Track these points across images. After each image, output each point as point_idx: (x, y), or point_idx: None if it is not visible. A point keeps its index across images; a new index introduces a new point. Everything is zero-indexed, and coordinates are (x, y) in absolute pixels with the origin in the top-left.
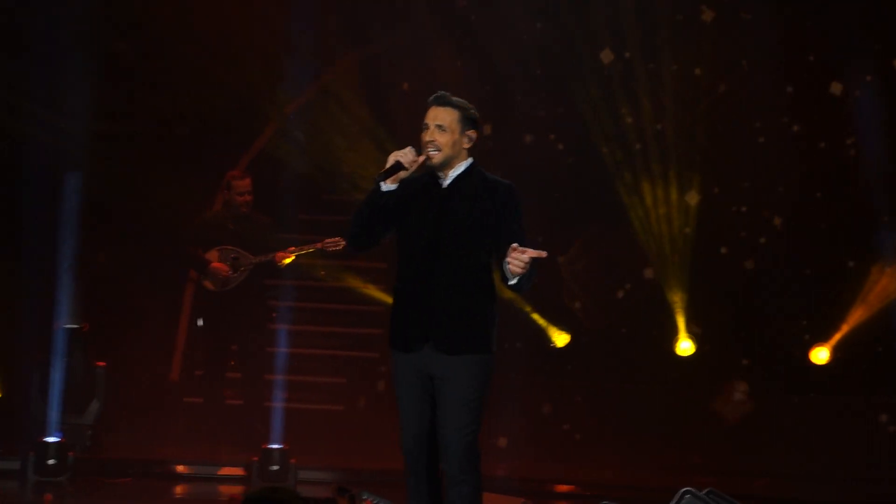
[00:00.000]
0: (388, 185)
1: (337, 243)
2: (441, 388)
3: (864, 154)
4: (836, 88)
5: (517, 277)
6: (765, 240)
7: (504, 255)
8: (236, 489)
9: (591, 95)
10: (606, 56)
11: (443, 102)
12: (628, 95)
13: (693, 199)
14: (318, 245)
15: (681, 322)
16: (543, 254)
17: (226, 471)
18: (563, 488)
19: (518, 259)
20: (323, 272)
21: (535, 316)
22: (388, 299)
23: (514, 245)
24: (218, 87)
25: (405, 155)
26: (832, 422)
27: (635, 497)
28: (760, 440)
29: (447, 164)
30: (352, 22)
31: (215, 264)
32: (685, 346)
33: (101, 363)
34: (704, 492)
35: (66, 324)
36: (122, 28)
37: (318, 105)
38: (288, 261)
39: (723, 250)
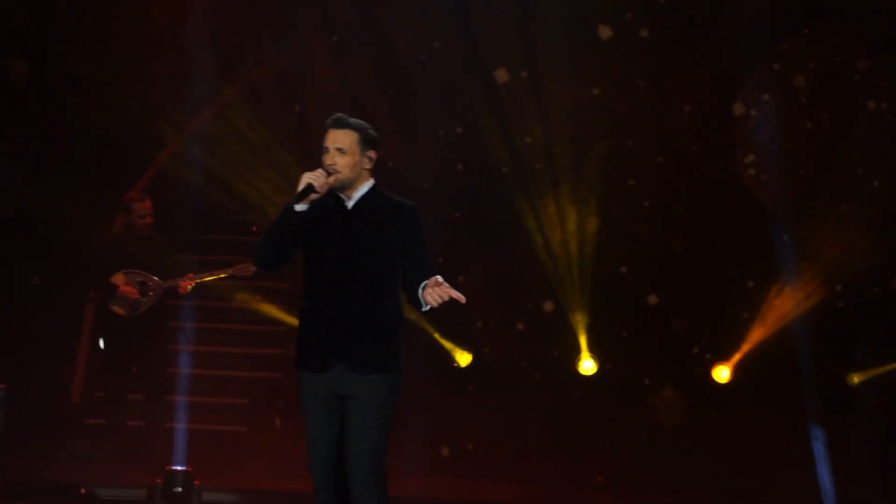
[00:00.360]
0: (301, 206)
1: (247, 269)
2: (350, 407)
3: (762, 173)
4: (738, 109)
5: (430, 306)
6: (664, 259)
7: (411, 277)
8: None
9: (488, 115)
10: (501, 76)
11: (341, 125)
12: (526, 115)
13: (592, 224)
14: (229, 271)
15: (583, 342)
16: (462, 299)
17: (129, 493)
18: None
19: (439, 295)
20: (239, 293)
21: (437, 336)
22: (290, 319)
23: (438, 279)
24: (116, 106)
25: (317, 178)
26: (732, 440)
27: None
28: (661, 458)
29: (349, 185)
30: (250, 42)
31: (124, 288)
32: (587, 366)
33: (2, 385)
34: None
35: None
36: (17, 46)
37: (216, 124)
38: (191, 287)
39: (622, 269)
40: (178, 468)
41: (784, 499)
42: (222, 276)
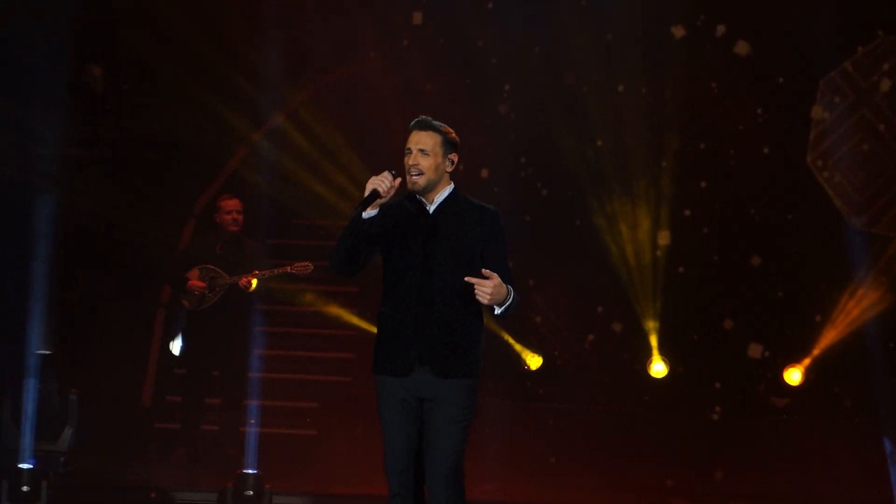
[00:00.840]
0: (368, 213)
1: (306, 267)
2: (431, 410)
3: (836, 176)
4: (816, 112)
5: (497, 307)
6: (736, 262)
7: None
8: None
9: (560, 118)
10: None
11: (425, 126)
12: (597, 119)
13: (664, 226)
14: (287, 269)
15: (654, 344)
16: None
17: (201, 497)
18: None
19: (481, 291)
20: (309, 296)
21: (509, 338)
22: (361, 323)
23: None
24: (187, 111)
25: (382, 182)
26: (803, 443)
27: None
28: (732, 462)
29: (431, 188)
30: (319, 47)
31: (193, 282)
32: (658, 369)
33: (74, 389)
34: None
35: (38, 350)
36: (91, 53)
37: (288, 129)
38: (254, 284)
39: (693, 271)
40: (250, 472)
41: (862, 502)
42: (282, 272)
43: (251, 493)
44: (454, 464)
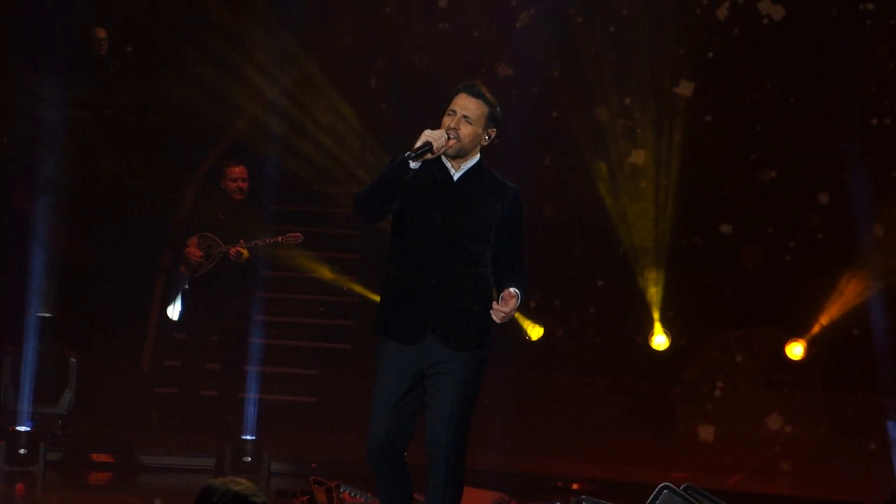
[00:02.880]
0: (415, 164)
1: (297, 238)
2: (438, 381)
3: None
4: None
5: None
6: (740, 234)
7: (503, 260)
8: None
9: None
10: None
11: (475, 93)
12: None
13: (667, 199)
14: (279, 239)
15: (656, 316)
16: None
17: (199, 462)
18: (540, 483)
19: (500, 312)
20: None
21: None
22: (362, 290)
23: (511, 292)
24: (192, 75)
25: (438, 139)
26: (805, 417)
27: (612, 492)
28: (733, 436)
29: (461, 155)
30: (329, 13)
31: (189, 249)
32: (660, 341)
33: (74, 353)
34: (682, 487)
35: (38, 312)
36: (97, 14)
37: (294, 95)
38: (245, 255)
39: (697, 242)
40: (248, 438)
41: (857, 478)
42: (271, 242)
43: (249, 459)
44: (457, 439)
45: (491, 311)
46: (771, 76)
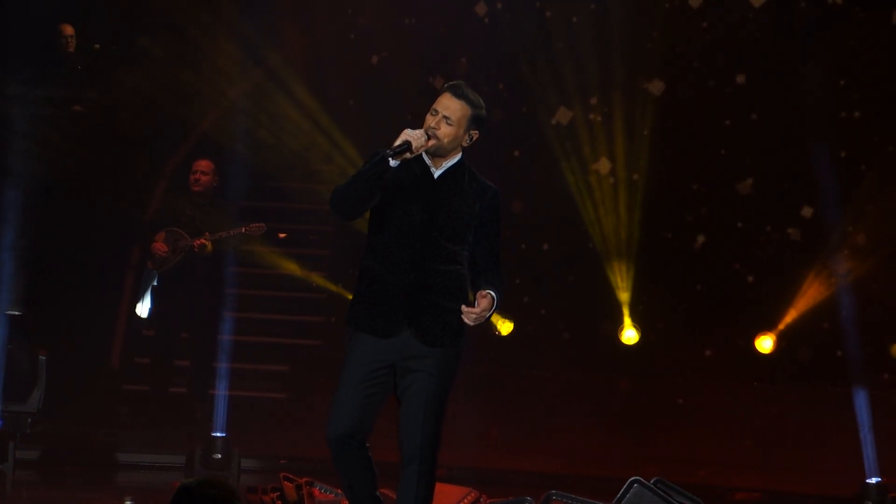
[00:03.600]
0: (393, 162)
1: (259, 228)
2: (412, 378)
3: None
4: None
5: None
6: (710, 230)
7: (479, 261)
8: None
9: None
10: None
11: (458, 94)
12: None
13: (636, 194)
14: (242, 230)
15: (626, 311)
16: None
17: (169, 459)
18: (511, 478)
19: (470, 315)
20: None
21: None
22: (332, 286)
23: (483, 294)
24: (160, 71)
25: (417, 138)
26: (775, 410)
27: (583, 487)
28: (704, 430)
29: (440, 154)
30: (299, 7)
31: (155, 244)
32: (630, 335)
33: (43, 350)
34: (652, 481)
35: (6, 311)
36: (64, 11)
37: (264, 90)
38: (209, 248)
39: (668, 236)
40: (218, 435)
41: (827, 471)
42: (237, 234)
43: (219, 456)
44: (431, 435)
45: (462, 313)
46: (741, 69)
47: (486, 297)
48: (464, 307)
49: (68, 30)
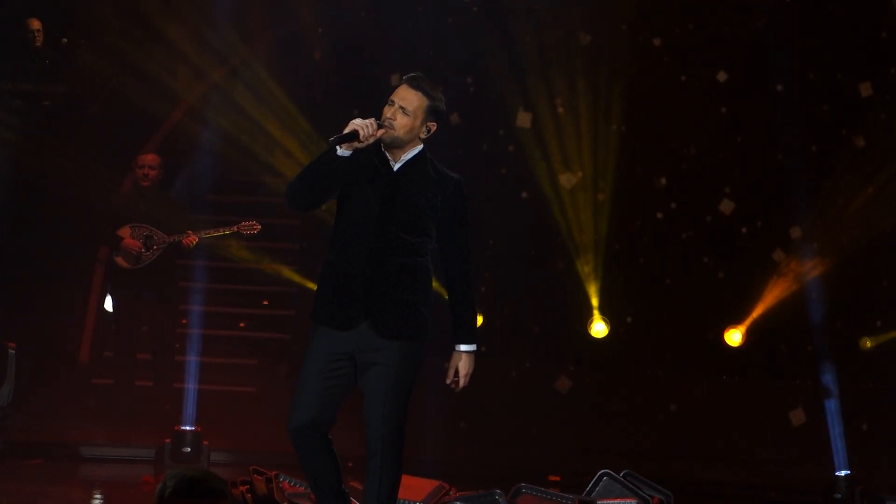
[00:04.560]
0: (342, 151)
1: (253, 227)
2: (372, 371)
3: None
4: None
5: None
6: (678, 222)
7: (450, 253)
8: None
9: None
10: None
11: (414, 85)
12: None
13: (607, 185)
14: (234, 228)
15: (595, 303)
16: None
17: (138, 453)
18: (480, 471)
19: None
20: (249, 253)
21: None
22: (301, 279)
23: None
24: (130, 64)
25: (365, 127)
26: (744, 404)
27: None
28: (675, 422)
29: (397, 146)
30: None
31: (127, 241)
32: (599, 328)
33: (12, 344)
34: (621, 474)
35: None
36: (32, 4)
37: (231, 84)
38: (195, 243)
39: (637, 226)
40: (187, 428)
41: (796, 465)
42: (227, 232)
43: (189, 449)
44: (392, 427)
45: (450, 385)
46: (715, 59)
47: (461, 359)
48: (450, 383)
49: (35, 24)
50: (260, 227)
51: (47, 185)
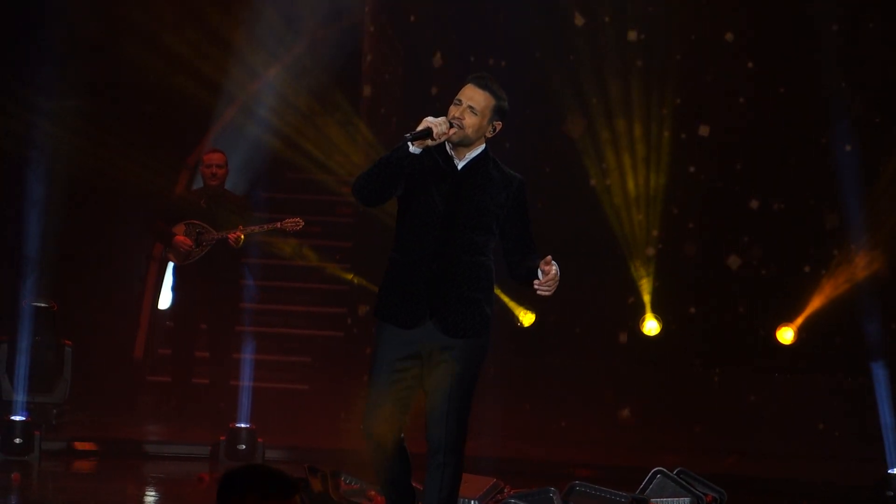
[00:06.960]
0: (414, 148)
1: (297, 223)
2: (437, 369)
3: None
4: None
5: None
6: (733, 220)
7: (516, 252)
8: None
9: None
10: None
11: (482, 84)
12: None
13: (661, 181)
14: (277, 225)
15: (647, 301)
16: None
17: (193, 450)
18: (535, 468)
19: (545, 286)
20: (289, 250)
21: (501, 295)
22: (355, 277)
23: (549, 260)
24: (183, 62)
25: (438, 125)
26: (797, 400)
27: (606, 477)
28: (728, 419)
29: (464, 145)
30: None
31: (179, 238)
32: (651, 326)
33: (68, 342)
34: (675, 471)
35: (33, 302)
36: (87, 5)
37: (286, 81)
38: (243, 239)
39: (690, 226)
40: (243, 426)
41: (848, 461)
42: (272, 228)
43: (244, 447)
44: (456, 426)
45: (535, 287)
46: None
47: (549, 263)
48: (535, 282)
49: (93, 24)
50: (303, 223)
51: (103, 182)
